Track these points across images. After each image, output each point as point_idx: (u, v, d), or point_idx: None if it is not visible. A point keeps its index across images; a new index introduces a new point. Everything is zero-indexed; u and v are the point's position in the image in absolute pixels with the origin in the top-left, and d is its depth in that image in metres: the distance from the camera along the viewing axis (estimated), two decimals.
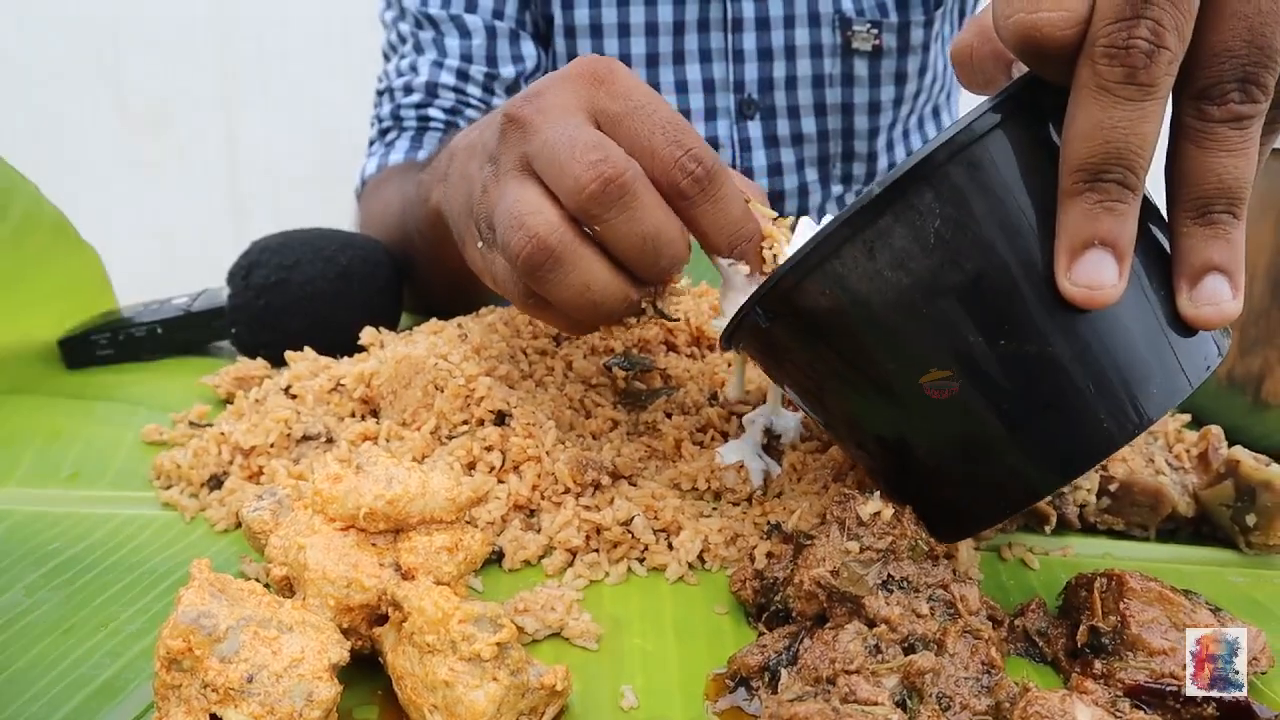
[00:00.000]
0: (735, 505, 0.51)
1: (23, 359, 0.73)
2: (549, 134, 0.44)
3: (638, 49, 0.93)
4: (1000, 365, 0.36)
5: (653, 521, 0.48)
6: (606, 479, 0.50)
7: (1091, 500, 0.51)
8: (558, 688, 0.36)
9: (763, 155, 0.97)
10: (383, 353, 0.58)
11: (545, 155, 0.43)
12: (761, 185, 0.97)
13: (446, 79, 0.94)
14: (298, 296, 0.69)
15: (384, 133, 0.98)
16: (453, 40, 0.93)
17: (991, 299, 0.35)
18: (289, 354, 0.63)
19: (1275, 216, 0.58)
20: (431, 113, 0.95)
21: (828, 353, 0.39)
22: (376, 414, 0.56)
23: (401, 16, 0.97)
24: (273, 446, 0.54)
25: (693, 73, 0.94)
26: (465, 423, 0.52)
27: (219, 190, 1.69)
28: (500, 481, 0.50)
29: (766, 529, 0.47)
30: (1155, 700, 0.37)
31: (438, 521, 0.40)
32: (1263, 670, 0.39)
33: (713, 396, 0.58)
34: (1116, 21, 0.32)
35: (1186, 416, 0.58)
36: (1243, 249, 0.36)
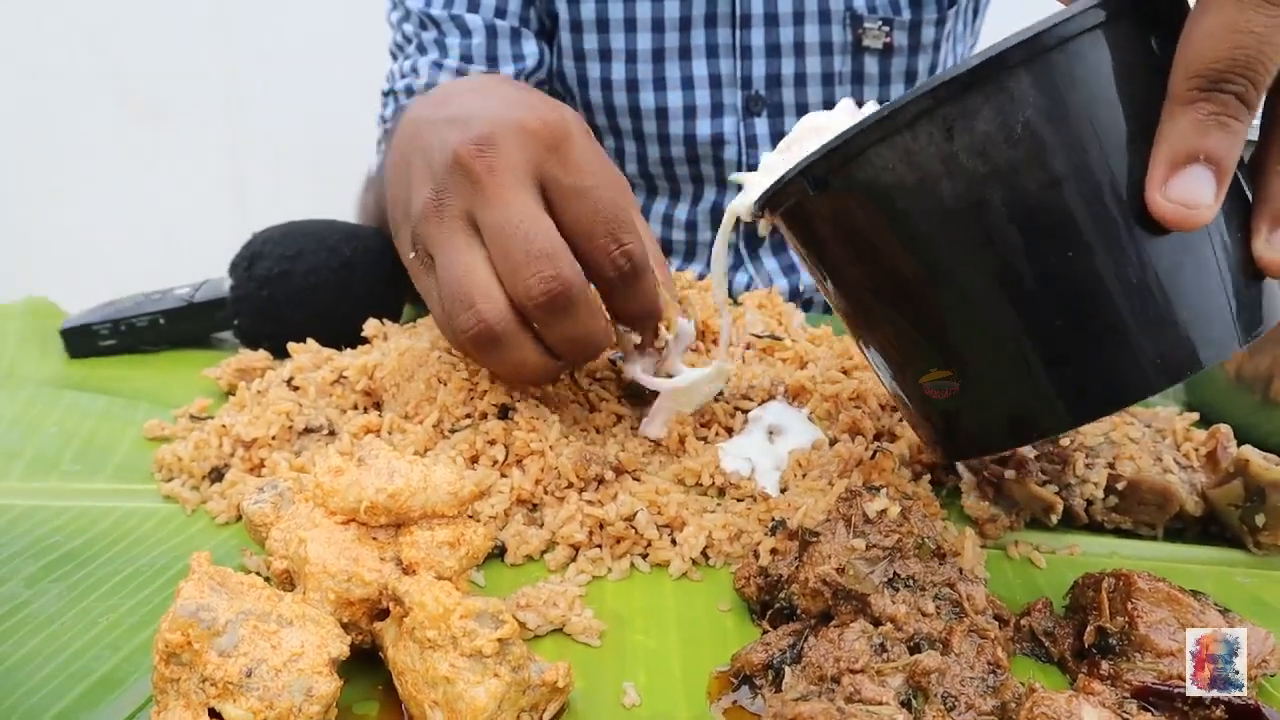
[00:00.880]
0: (739, 501, 0.51)
1: (24, 349, 0.72)
2: (501, 215, 0.46)
3: (643, 44, 0.92)
4: (1061, 281, 0.33)
5: (656, 517, 0.48)
6: (610, 474, 0.49)
7: (1099, 497, 0.50)
8: (559, 684, 0.36)
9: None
10: (386, 345, 0.58)
11: (498, 240, 0.46)
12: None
13: (446, 79, 0.93)
14: (300, 288, 0.68)
15: (389, 134, 0.97)
16: (453, 40, 0.93)
17: (1068, 206, 0.33)
18: (291, 345, 0.62)
19: None
20: None
21: (877, 237, 0.36)
22: (379, 406, 0.56)
23: (406, 18, 0.96)
24: (274, 439, 0.54)
25: (699, 68, 0.93)
26: (468, 416, 0.52)
27: (221, 181, 1.69)
28: (503, 475, 0.49)
29: (771, 525, 0.47)
30: (1163, 702, 0.37)
31: (439, 515, 0.40)
32: (1271, 672, 0.38)
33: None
34: None
35: (1194, 415, 0.57)
36: None
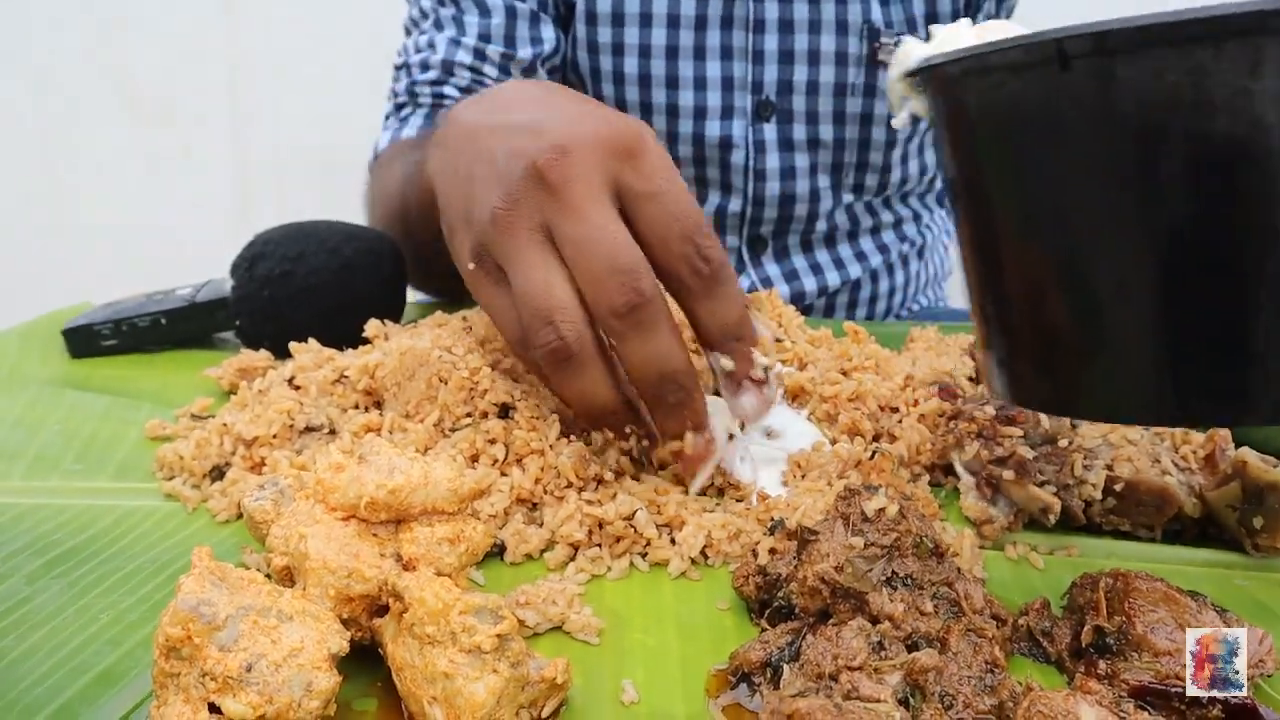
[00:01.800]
0: (739, 501, 0.51)
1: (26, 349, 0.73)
2: (582, 227, 0.46)
3: (658, 39, 0.92)
4: None
5: (655, 516, 0.48)
6: (610, 474, 0.50)
7: (1097, 498, 0.50)
8: (558, 681, 0.36)
9: (777, 158, 0.96)
10: (387, 345, 0.58)
11: (579, 254, 0.46)
12: (774, 188, 0.96)
13: (463, 57, 0.93)
14: (301, 288, 0.69)
15: (399, 108, 0.97)
16: (472, 18, 0.92)
17: None
18: (293, 345, 0.62)
19: None
20: (447, 90, 0.94)
21: (1105, 148, 0.30)
22: (380, 406, 0.56)
23: None
24: (275, 438, 0.54)
25: (712, 69, 0.92)
26: (469, 415, 0.52)
27: (224, 182, 1.69)
28: (503, 474, 0.50)
29: (770, 525, 0.47)
30: (1160, 701, 0.37)
31: (439, 512, 0.40)
32: (1268, 673, 0.39)
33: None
34: None
35: None
36: None
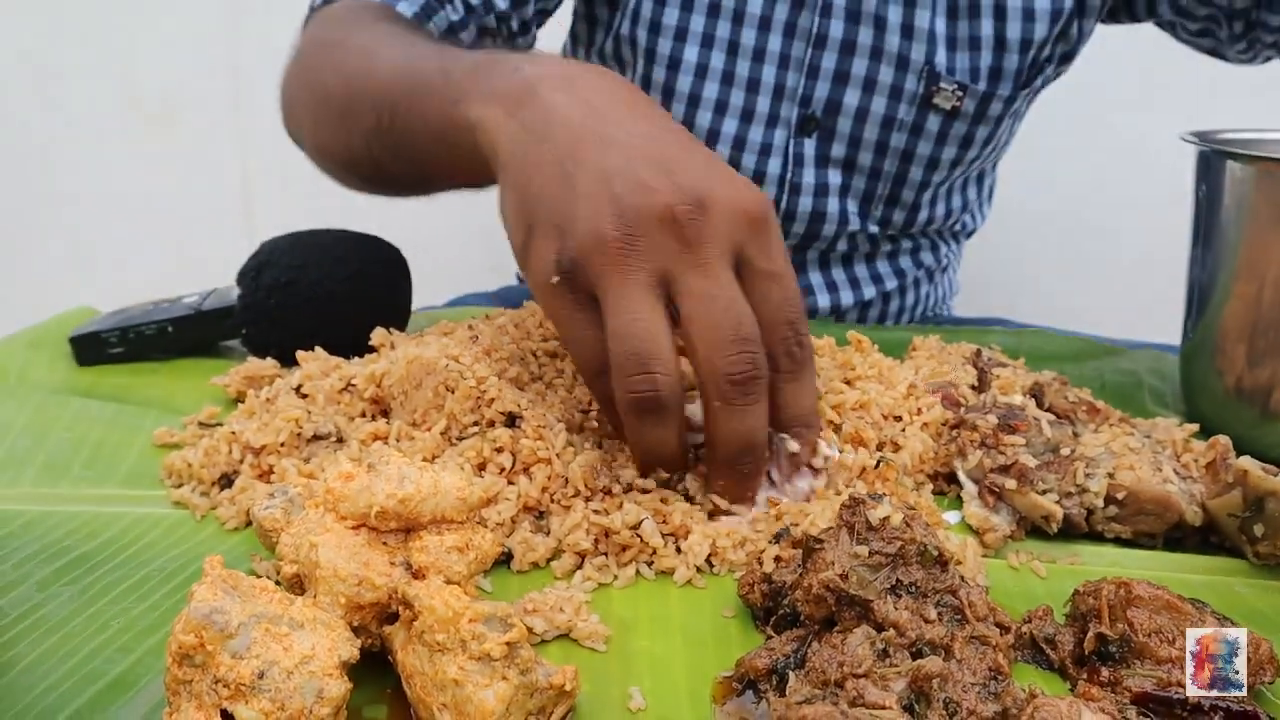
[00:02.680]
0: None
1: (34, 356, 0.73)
2: (713, 288, 0.46)
3: (722, 32, 0.89)
4: None
5: (661, 525, 0.49)
6: (618, 487, 0.50)
7: (1099, 506, 0.51)
8: (566, 688, 0.36)
9: (812, 174, 0.93)
10: (393, 353, 0.59)
11: (704, 313, 0.46)
12: (805, 203, 0.93)
13: None
14: (308, 297, 0.69)
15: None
16: None
17: None
18: (300, 353, 0.63)
19: None
20: None
21: None
22: (387, 414, 0.56)
23: None
24: (283, 446, 0.54)
25: (768, 74, 0.90)
26: (476, 424, 0.52)
27: (230, 189, 1.69)
28: (510, 483, 0.50)
29: (775, 533, 0.47)
30: (1162, 708, 0.37)
31: (449, 521, 0.40)
32: (1269, 681, 0.39)
33: None
34: None
35: (1194, 426, 0.58)
36: None
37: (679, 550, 0.48)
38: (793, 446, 0.51)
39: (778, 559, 0.45)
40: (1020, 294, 1.57)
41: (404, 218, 0.93)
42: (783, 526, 0.48)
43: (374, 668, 0.38)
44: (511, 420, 0.52)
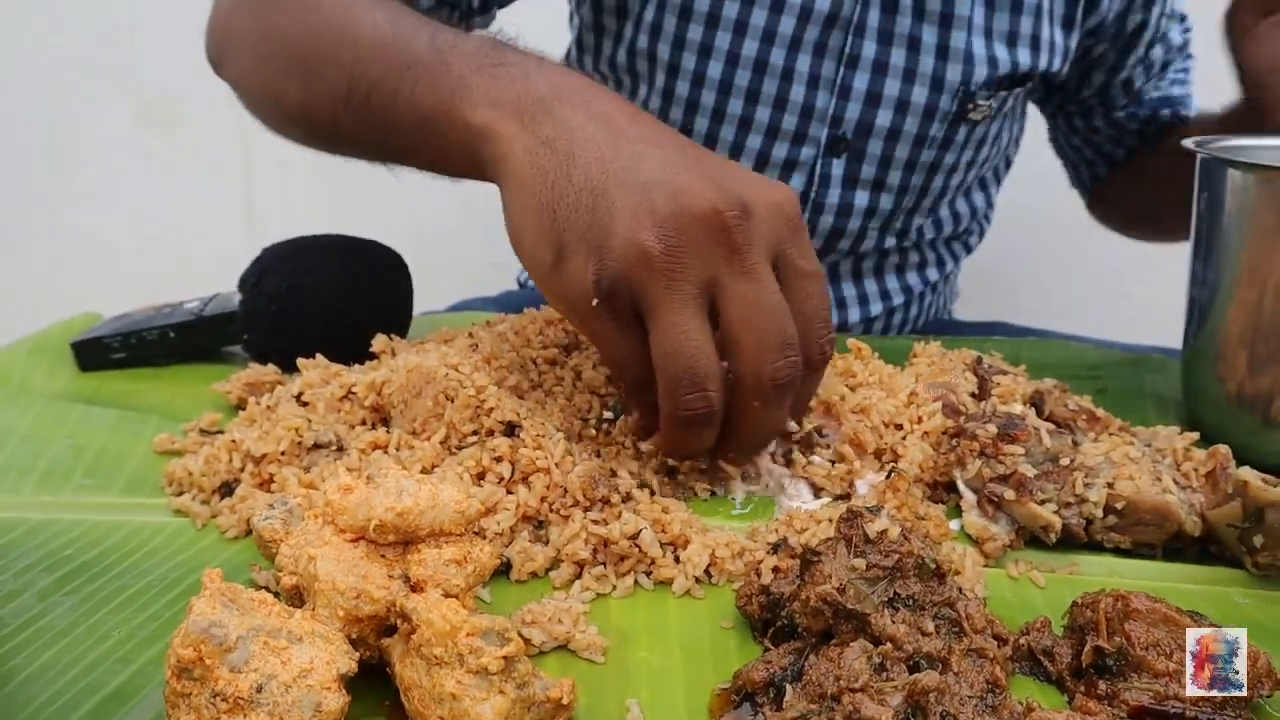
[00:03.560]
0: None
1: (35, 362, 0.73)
2: (761, 293, 0.47)
3: (749, 50, 0.86)
4: None
5: (660, 535, 0.49)
6: (617, 496, 0.50)
7: (1098, 516, 0.51)
8: (564, 701, 0.36)
9: (837, 194, 0.91)
10: (394, 361, 0.59)
11: (752, 318, 0.47)
12: (827, 222, 0.92)
13: None
14: (309, 303, 0.69)
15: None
16: None
17: None
18: (300, 360, 0.63)
19: None
20: None
21: None
22: (387, 422, 0.57)
23: None
24: (284, 454, 0.54)
25: (796, 93, 0.87)
26: (475, 433, 0.52)
27: (232, 193, 1.69)
28: (509, 492, 0.50)
29: (773, 544, 0.47)
30: None
31: (447, 534, 0.40)
32: (1266, 693, 0.39)
33: None
34: None
35: (1194, 435, 0.58)
36: None
37: (678, 560, 0.48)
38: (791, 426, 0.55)
39: (776, 570, 0.45)
40: (1021, 295, 1.57)
41: (405, 220, 0.93)
42: (780, 538, 0.48)
43: (372, 680, 0.38)
44: (510, 429, 0.52)
